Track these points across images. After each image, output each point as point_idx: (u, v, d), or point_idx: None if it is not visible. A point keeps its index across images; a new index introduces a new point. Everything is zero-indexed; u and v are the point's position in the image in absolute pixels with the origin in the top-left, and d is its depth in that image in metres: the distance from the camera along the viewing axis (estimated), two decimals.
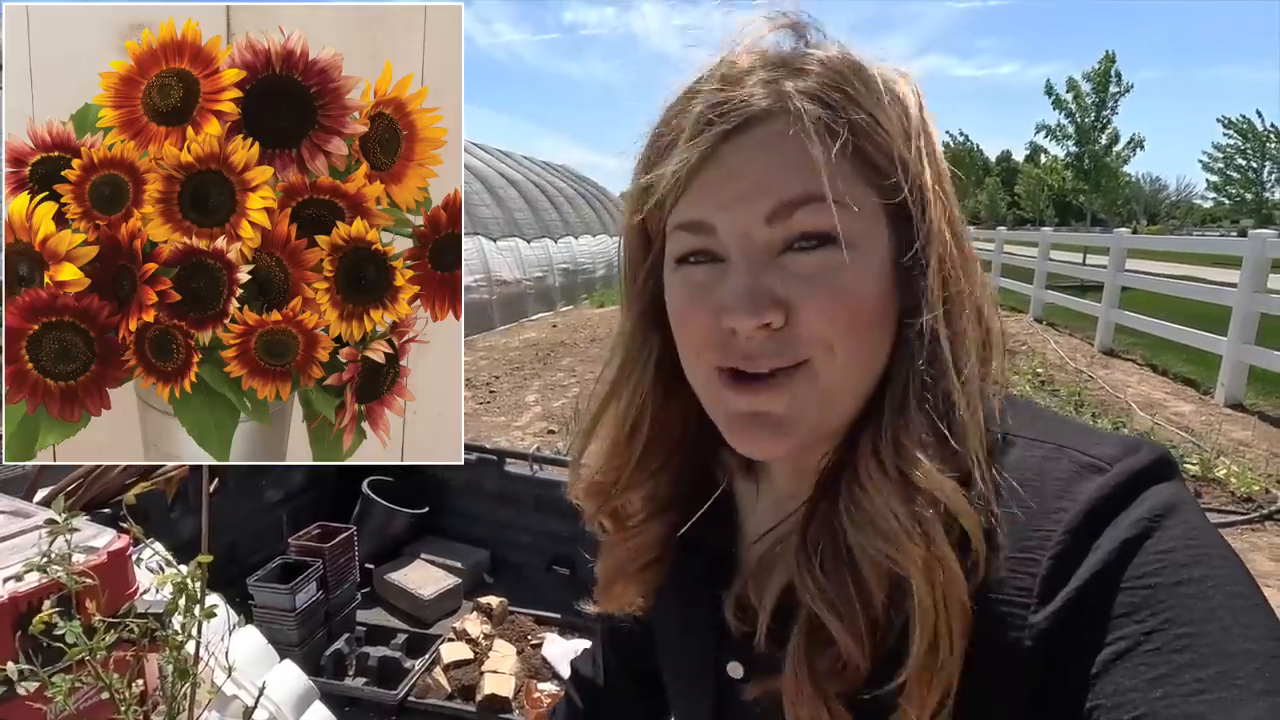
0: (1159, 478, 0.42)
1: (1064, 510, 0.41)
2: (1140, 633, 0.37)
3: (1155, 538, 0.39)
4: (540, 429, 5.49)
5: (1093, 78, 19.28)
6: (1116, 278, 8.32)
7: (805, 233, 0.45)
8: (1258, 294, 5.88)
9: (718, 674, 0.57)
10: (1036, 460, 0.45)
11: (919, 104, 0.47)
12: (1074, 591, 0.40)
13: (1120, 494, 0.41)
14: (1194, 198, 65.29)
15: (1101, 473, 0.42)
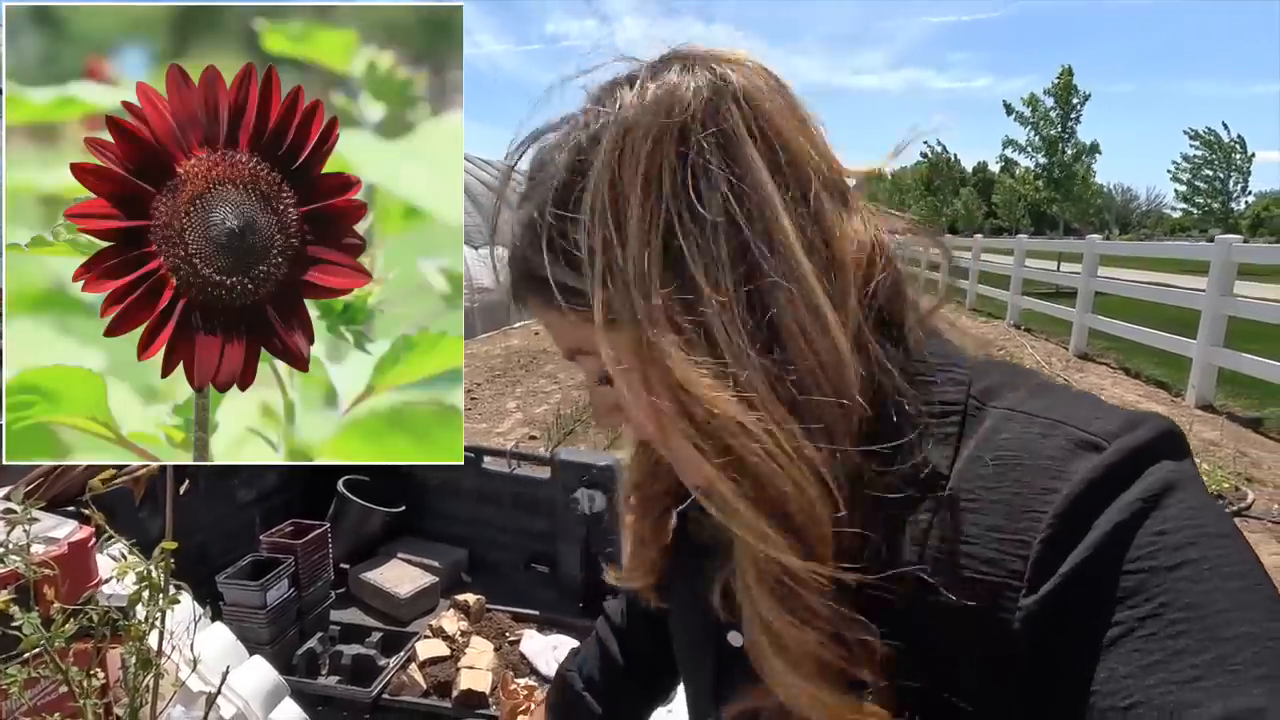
0: (1159, 455, 0.39)
1: (1056, 491, 0.39)
2: (1135, 618, 0.35)
3: (1151, 519, 0.37)
4: (522, 435, 5.43)
5: (1054, 92, 19.44)
6: (1090, 283, 8.32)
7: (593, 374, 0.50)
8: (1225, 297, 5.87)
9: (719, 643, 0.56)
10: (1032, 437, 0.42)
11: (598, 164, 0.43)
12: (1065, 576, 0.37)
13: (1116, 474, 0.38)
14: (1164, 208, 65.71)
15: (1098, 450, 0.39)
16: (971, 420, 0.44)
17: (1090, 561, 0.37)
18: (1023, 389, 0.45)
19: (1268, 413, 5.58)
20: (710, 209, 0.41)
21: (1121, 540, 0.36)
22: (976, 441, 0.43)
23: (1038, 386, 0.46)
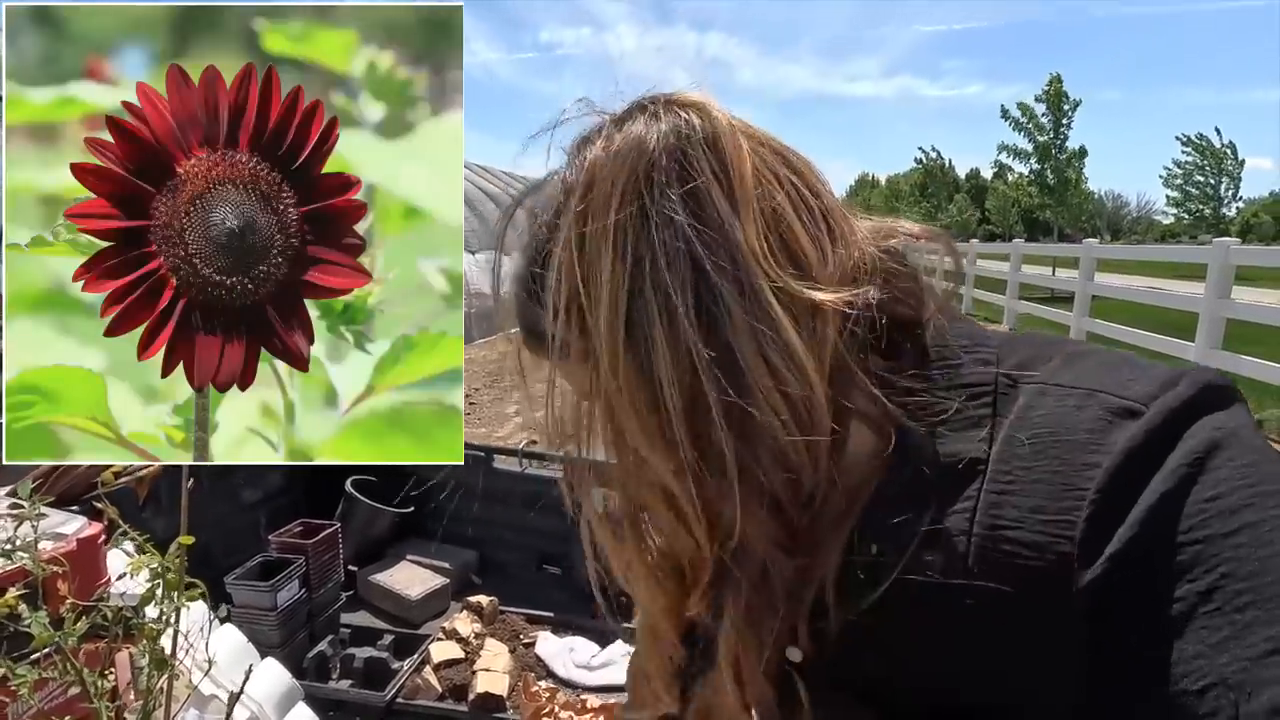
0: (1202, 411, 0.36)
1: (1097, 465, 0.36)
2: (1196, 593, 0.32)
3: (1200, 484, 0.34)
4: (522, 439, 5.41)
5: (1045, 99, 19.48)
6: (1087, 287, 8.28)
7: None
8: (1222, 300, 5.82)
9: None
10: (1067, 410, 0.39)
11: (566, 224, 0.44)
12: (1114, 555, 0.34)
13: (1157, 439, 0.35)
14: (1154, 214, 65.50)
15: (1136, 417, 0.36)
16: (1004, 399, 0.42)
17: (1140, 538, 0.34)
18: (1055, 359, 0.43)
19: (1267, 414, 5.53)
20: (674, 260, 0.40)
21: (1171, 511, 0.34)
22: (1011, 421, 0.40)
23: (1070, 355, 0.43)
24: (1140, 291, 8.27)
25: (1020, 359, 0.43)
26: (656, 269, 0.40)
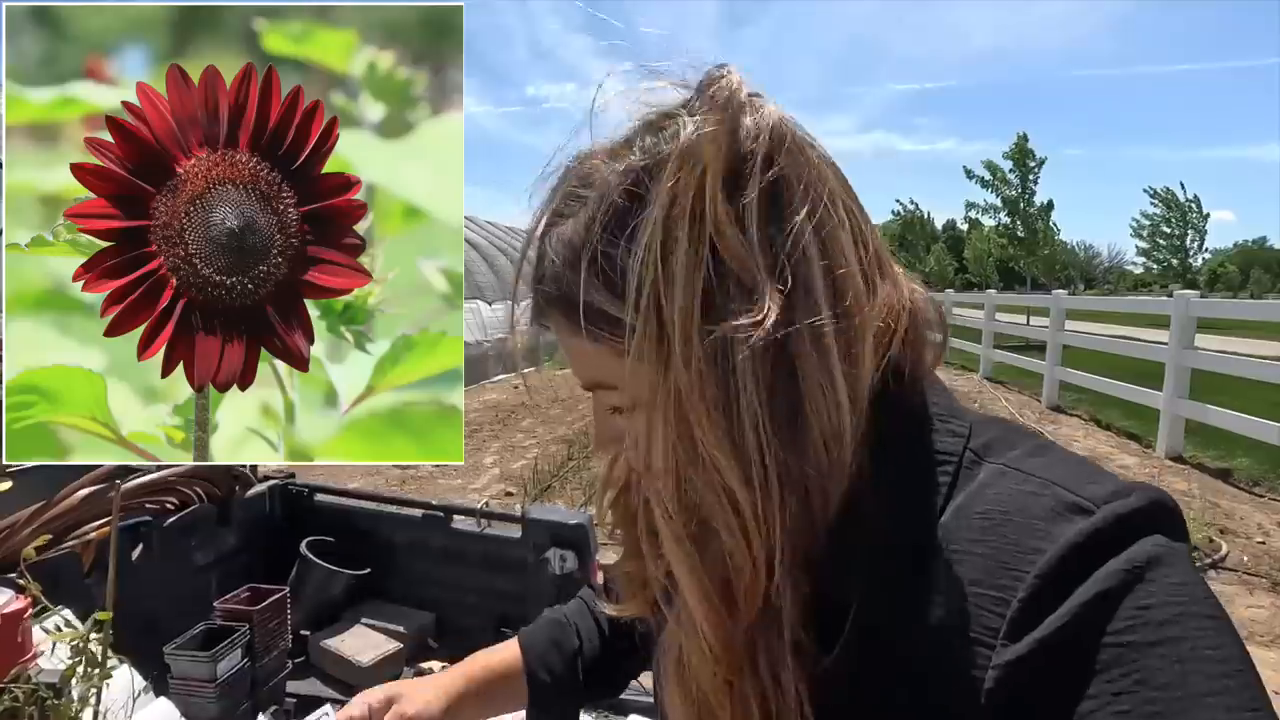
0: (1148, 526, 0.39)
1: (1041, 552, 0.39)
2: (1110, 692, 0.35)
3: (1135, 592, 0.37)
4: (498, 490, 5.35)
5: (1011, 156, 20.59)
6: (1058, 336, 8.58)
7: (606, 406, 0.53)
8: (1187, 350, 6.09)
9: None
10: (1022, 495, 0.42)
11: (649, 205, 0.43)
12: (1043, 638, 0.37)
13: (1103, 540, 0.38)
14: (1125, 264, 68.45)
15: (1086, 515, 0.40)
16: (966, 473, 0.45)
17: (1070, 627, 0.37)
18: (1020, 447, 0.46)
19: (1236, 463, 5.74)
20: (758, 260, 0.41)
21: (1104, 609, 0.36)
22: (967, 494, 0.44)
23: (1036, 446, 0.46)
24: (1109, 341, 8.59)
25: (988, 439, 0.47)
26: (743, 266, 0.41)
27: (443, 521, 2.35)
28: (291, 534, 2.35)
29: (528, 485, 5.30)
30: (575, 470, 5.70)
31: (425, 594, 2.44)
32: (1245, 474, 5.55)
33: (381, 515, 2.44)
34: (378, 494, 2.58)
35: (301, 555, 2.27)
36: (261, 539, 2.34)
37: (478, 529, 2.35)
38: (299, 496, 2.48)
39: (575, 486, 5.31)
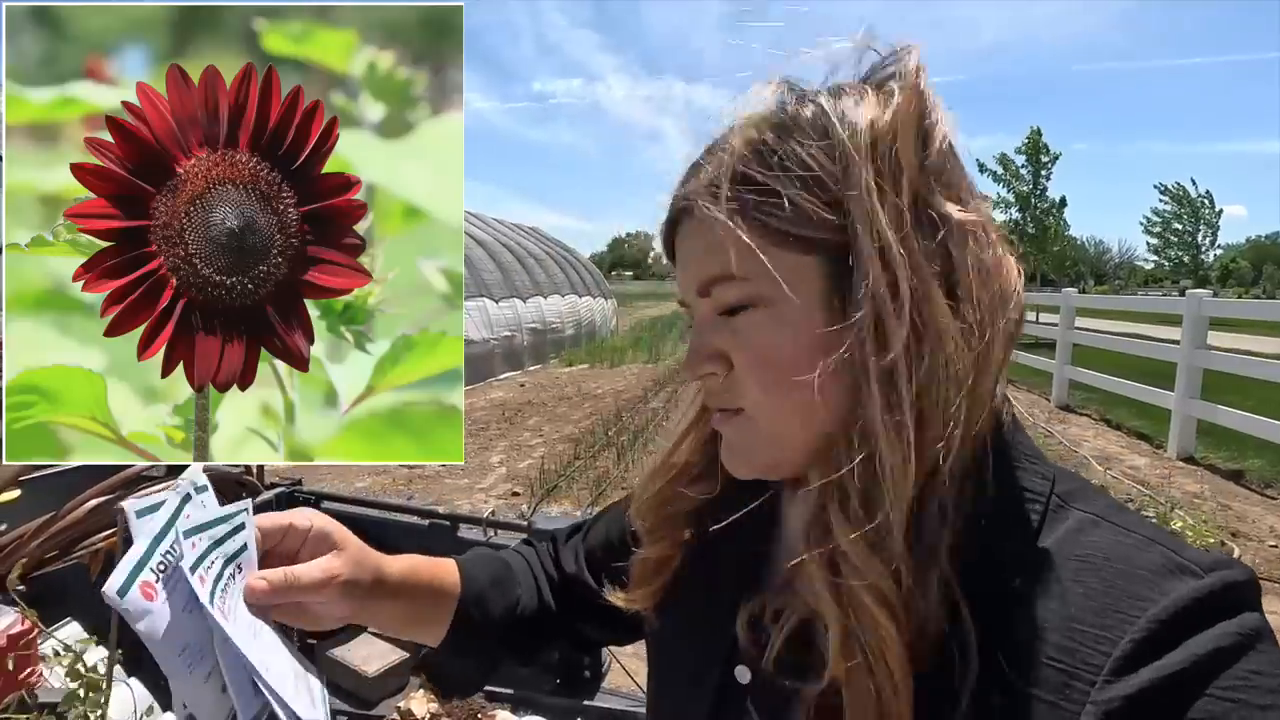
0: (1251, 600, 0.42)
1: (1152, 600, 0.41)
2: None
3: (1248, 657, 0.39)
4: (504, 491, 5.35)
5: (1024, 150, 20.45)
6: (1067, 335, 8.53)
7: (724, 306, 0.51)
8: (1199, 350, 6.05)
9: (724, 676, 0.57)
10: (1126, 546, 0.44)
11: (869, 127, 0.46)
12: (1152, 680, 0.38)
13: (1216, 602, 0.40)
14: (1136, 260, 68.16)
15: (1196, 577, 0.42)
16: (1053, 515, 0.47)
17: (1186, 674, 0.38)
18: (1103, 500, 0.48)
19: (1248, 464, 5.69)
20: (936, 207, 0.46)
21: (1218, 664, 0.38)
22: (1061, 536, 0.46)
23: (1115, 502, 0.49)
24: (1119, 339, 8.55)
25: (1071, 488, 0.49)
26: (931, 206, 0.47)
27: (449, 530, 2.36)
28: None
29: (535, 485, 5.30)
30: (582, 470, 5.69)
31: None
32: (1257, 475, 5.50)
33: (388, 523, 2.45)
34: (384, 502, 2.60)
35: None
36: None
37: (484, 538, 2.35)
38: (306, 504, 2.49)
39: (582, 486, 5.30)
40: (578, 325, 15.49)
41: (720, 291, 0.51)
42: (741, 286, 0.49)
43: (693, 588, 0.63)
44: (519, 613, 0.73)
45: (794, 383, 0.48)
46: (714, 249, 0.50)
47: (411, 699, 2.12)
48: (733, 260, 0.48)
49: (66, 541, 1.81)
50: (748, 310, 0.50)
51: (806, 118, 0.48)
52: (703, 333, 0.53)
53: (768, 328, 0.49)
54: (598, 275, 19.97)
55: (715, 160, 0.50)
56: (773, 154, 0.48)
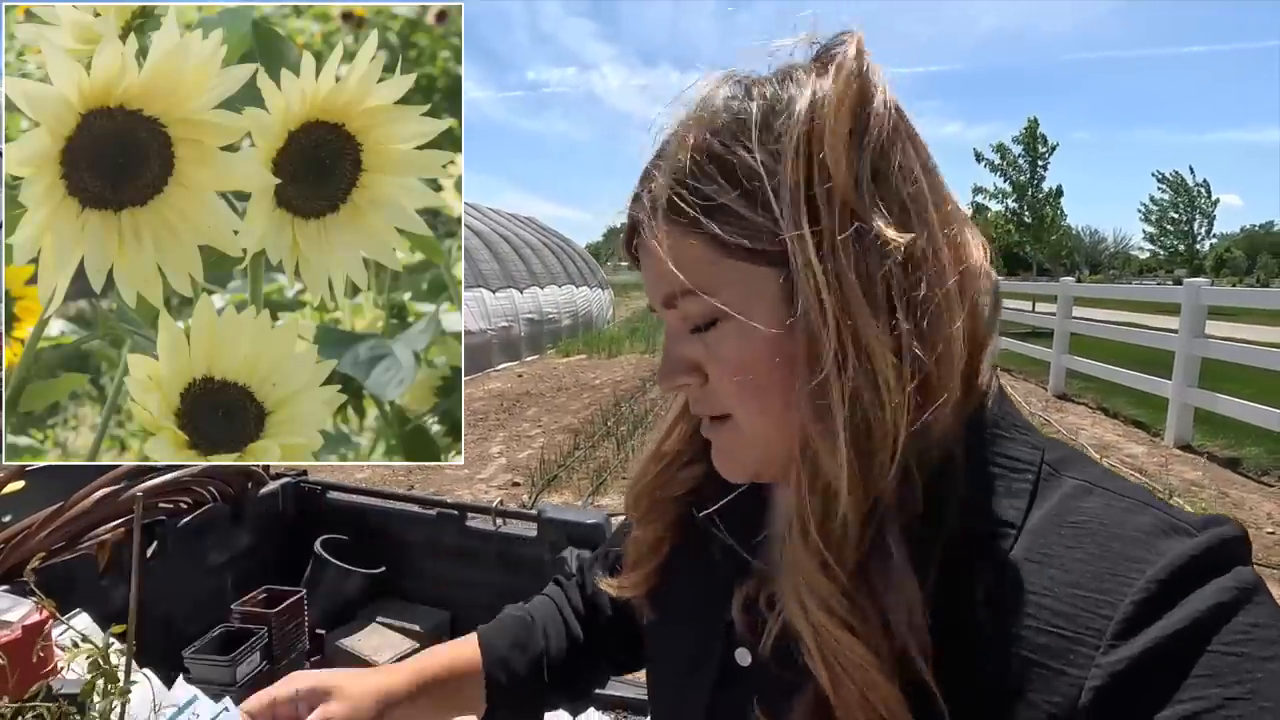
0: (1245, 555, 0.43)
1: (1149, 562, 0.41)
2: (1222, 696, 0.37)
3: (1247, 610, 0.39)
4: (505, 481, 5.36)
5: (1021, 140, 20.34)
6: (1065, 324, 8.54)
7: (689, 319, 0.51)
8: (1197, 339, 6.07)
9: (724, 659, 0.57)
10: (1119, 510, 0.45)
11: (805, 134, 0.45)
12: (1156, 640, 0.39)
13: (1211, 559, 0.41)
14: (1131, 249, 68.14)
15: (1190, 535, 0.42)
16: (1045, 484, 0.47)
17: (1187, 631, 0.39)
18: (1094, 468, 0.49)
19: (1245, 452, 5.73)
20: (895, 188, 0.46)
21: (1219, 619, 0.39)
22: (1054, 503, 0.46)
23: (1106, 470, 0.50)
24: (1117, 329, 8.56)
25: (1061, 455, 0.49)
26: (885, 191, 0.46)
27: (457, 520, 2.36)
28: (305, 532, 2.36)
29: (535, 476, 5.30)
30: (582, 460, 5.70)
31: (440, 592, 2.45)
32: (1254, 463, 5.54)
33: (395, 513, 2.45)
34: (390, 492, 2.59)
35: (316, 554, 2.29)
36: (275, 537, 2.35)
37: (493, 528, 2.36)
38: (311, 494, 2.48)
39: (582, 476, 5.31)
40: (574, 315, 15.46)
41: (684, 305, 0.50)
42: (703, 302, 0.49)
43: (688, 574, 0.64)
44: (550, 660, 0.75)
45: (767, 391, 0.48)
46: (665, 268, 0.49)
47: None
48: (691, 276, 0.48)
49: (74, 532, 1.82)
50: (714, 325, 0.50)
51: (752, 118, 0.47)
52: (674, 344, 0.54)
53: (735, 340, 0.49)
54: (594, 265, 19.91)
55: (664, 170, 0.49)
56: (721, 162, 0.47)
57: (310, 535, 2.34)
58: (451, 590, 2.43)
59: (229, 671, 1.75)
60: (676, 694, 0.63)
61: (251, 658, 1.82)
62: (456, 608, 2.45)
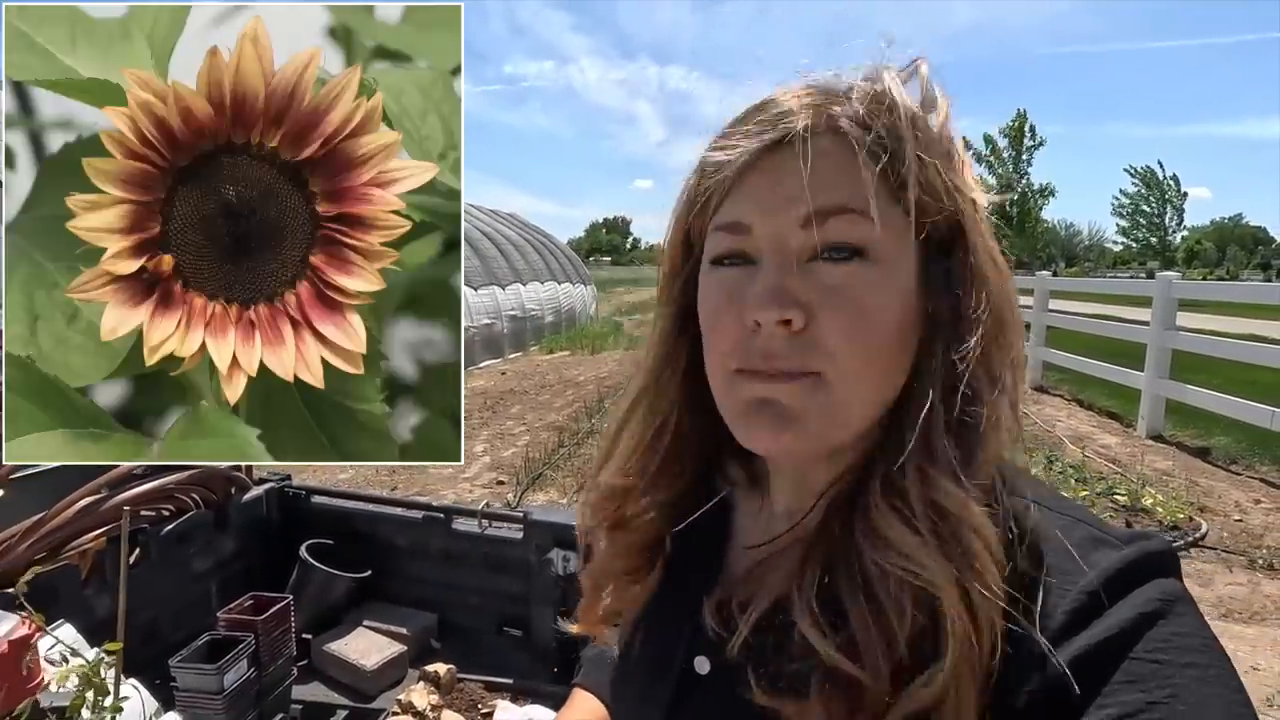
0: (1172, 565, 0.45)
1: (1080, 573, 0.43)
2: (1144, 701, 0.39)
3: (1169, 619, 0.41)
4: (489, 480, 5.34)
5: (1008, 133, 20.42)
6: (1041, 317, 8.65)
7: (836, 243, 0.47)
8: (1168, 331, 6.17)
9: (682, 668, 0.57)
10: (1054, 525, 0.47)
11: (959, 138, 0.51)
12: (1084, 647, 0.41)
13: (1137, 570, 0.43)
14: (1104, 242, 68.96)
15: (1117, 549, 0.45)
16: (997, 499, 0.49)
17: (1112, 640, 0.41)
18: (1039, 487, 0.52)
19: (1215, 441, 5.84)
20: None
21: (1142, 627, 0.41)
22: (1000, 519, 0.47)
23: (1048, 489, 0.53)
24: (1092, 322, 8.68)
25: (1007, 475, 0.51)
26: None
27: (443, 522, 2.36)
28: (290, 537, 2.35)
29: (520, 474, 5.29)
30: (567, 458, 5.69)
31: (427, 595, 2.45)
32: (1223, 452, 5.65)
33: (380, 516, 2.44)
34: (375, 495, 2.58)
35: (301, 559, 2.27)
36: (260, 543, 2.34)
37: (479, 530, 2.35)
38: (296, 499, 2.47)
39: (567, 474, 5.31)
40: (557, 312, 15.41)
41: (839, 226, 0.47)
42: (867, 228, 0.46)
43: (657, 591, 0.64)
44: None
45: (883, 350, 0.48)
46: (837, 179, 0.47)
47: (412, 691, 2.13)
48: (862, 196, 0.46)
49: (56, 543, 1.80)
50: (856, 260, 0.47)
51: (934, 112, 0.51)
52: (784, 275, 0.48)
53: (874, 286, 0.47)
54: (576, 261, 19.84)
55: (875, 101, 0.49)
56: (924, 128, 0.49)
57: (295, 540, 2.33)
58: (438, 593, 2.43)
59: (216, 680, 1.74)
60: (637, 698, 0.64)
61: (238, 665, 1.82)
62: (444, 610, 2.44)
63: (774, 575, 0.53)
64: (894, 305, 0.48)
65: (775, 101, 0.50)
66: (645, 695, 0.61)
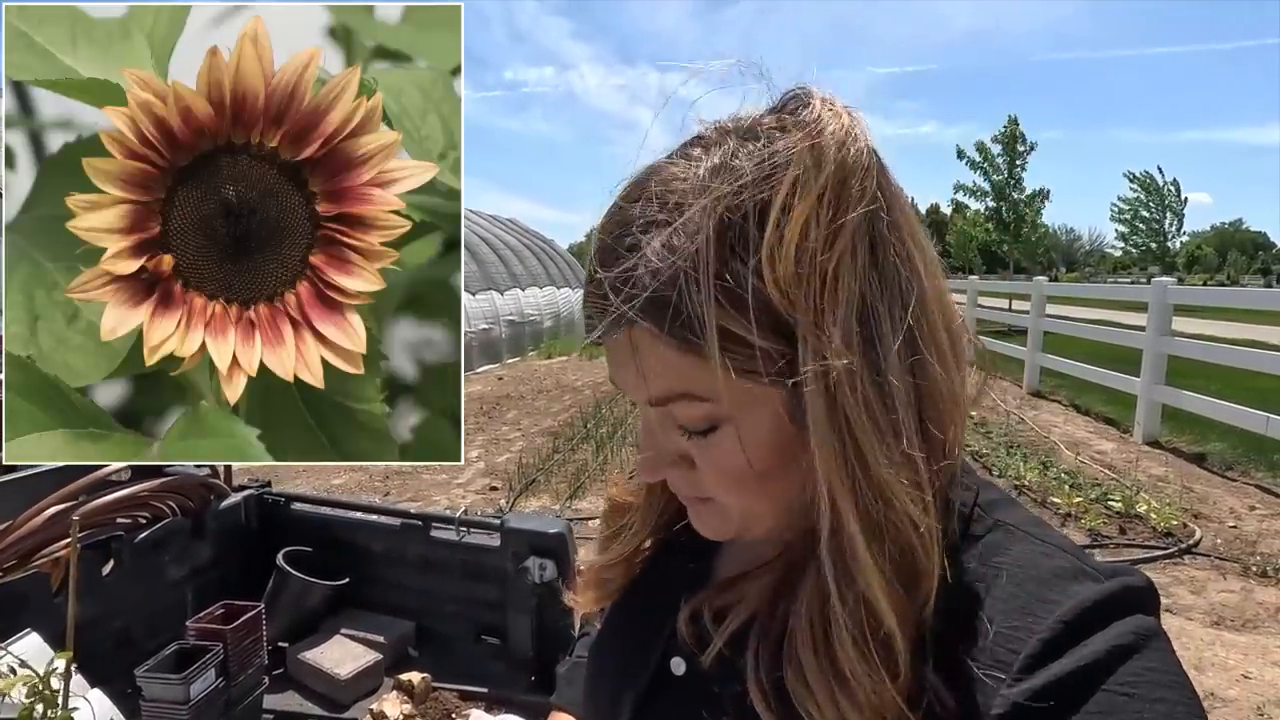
0: (1151, 602, 0.45)
1: (1058, 603, 0.43)
2: None
3: (1142, 654, 0.42)
4: (483, 485, 5.32)
5: (1001, 139, 20.44)
6: (1039, 323, 8.63)
7: (684, 425, 0.48)
8: (1164, 337, 6.14)
9: (658, 668, 0.58)
10: (1038, 555, 0.47)
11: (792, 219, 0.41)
12: (1057, 676, 0.41)
13: (1115, 603, 0.43)
14: (1105, 247, 68.93)
15: (1098, 582, 0.44)
16: (975, 524, 0.50)
17: (1085, 670, 0.41)
18: (1020, 513, 0.51)
19: (1210, 447, 5.81)
20: (891, 273, 0.44)
21: (1116, 661, 0.41)
22: (983, 544, 0.48)
23: (1030, 515, 0.52)
24: (1089, 327, 8.66)
25: (992, 498, 0.52)
26: (883, 279, 0.43)
27: (421, 530, 2.34)
28: (268, 545, 2.33)
29: (513, 480, 5.27)
30: (560, 464, 5.68)
31: (404, 603, 2.43)
32: (1219, 458, 5.61)
33: (359, 524, 2.43)
34: (354, 502, 2.57)
35: (278, 567, 2.26)
36: (237, 550, 2.32)
37: (457, 537, 2.34)
38: (275, 506, 2.45)
39: (561, 480, 5.29)
40: (556, 317, 15.41)
41: (681, 409, 0.47)
42: (706, 408, 0.46)
43: (638, 588, 0.65)
44: None
45: (764, 476, 0.48)
46: (655, 370, 0.46)
47: (385, 700, 2.11)
48: (689, 383, 0.45)
49: (25, 550, 1.78)
50: (711, 432, 0.47)
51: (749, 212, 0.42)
52: (658, 435, 0.50)
53: (732, 444, 0.47)
54: (576, 266, 19.84)
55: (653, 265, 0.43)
56: (722, 278, 0.42)
57: (273, 547, 2.32)
58: (416, 600, 2.41)
59: (182, 690, 1.72)
60: (610, 696, 0.63)
61: (205, 675, 1.79)
62: (421, 618, 2.42)
63: (753, 586, 0.53)
64: (762, 444, 0.47)
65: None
66: (618, 691, 0.61)
